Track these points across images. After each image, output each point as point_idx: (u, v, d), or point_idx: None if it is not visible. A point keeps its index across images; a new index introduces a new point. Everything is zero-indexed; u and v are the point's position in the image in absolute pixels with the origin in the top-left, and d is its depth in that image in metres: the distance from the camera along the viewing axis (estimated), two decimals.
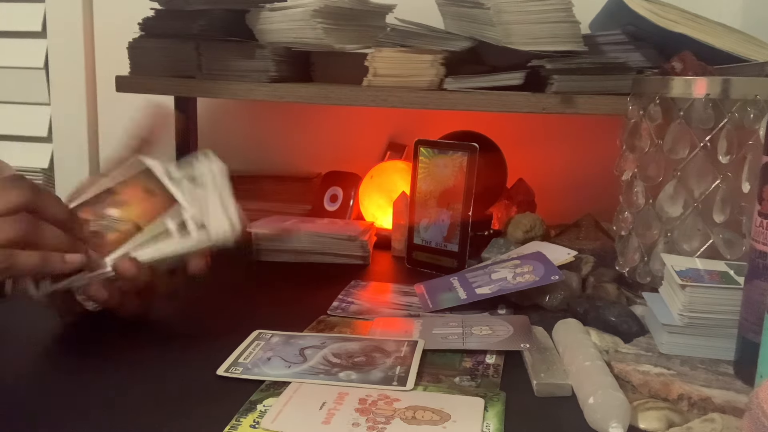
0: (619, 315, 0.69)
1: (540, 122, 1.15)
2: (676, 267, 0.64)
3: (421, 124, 1.18)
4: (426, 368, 0.60)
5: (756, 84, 0.70)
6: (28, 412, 0.51)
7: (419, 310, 0.76)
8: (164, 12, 1.03)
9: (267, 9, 0.97)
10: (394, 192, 1.01)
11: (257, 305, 0.77)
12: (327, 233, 0.95)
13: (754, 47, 0.87)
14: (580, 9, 0.87)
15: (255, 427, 0.49)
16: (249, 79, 1.00)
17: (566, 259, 0.82)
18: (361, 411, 0.51)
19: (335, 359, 0.60)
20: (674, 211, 0.74)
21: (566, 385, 0.56)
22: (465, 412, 0.51)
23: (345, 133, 1.25)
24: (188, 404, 0.53)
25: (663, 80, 0.74)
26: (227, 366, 0.58)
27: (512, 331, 0.66)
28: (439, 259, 0.92)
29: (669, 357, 0.61)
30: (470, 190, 0.89)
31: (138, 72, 1.06)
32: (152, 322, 0.69)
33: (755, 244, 0.56)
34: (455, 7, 0.93)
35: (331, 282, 0.84)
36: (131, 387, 0.55)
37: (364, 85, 0.95)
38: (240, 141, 1.30)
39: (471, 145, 0.90)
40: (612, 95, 0.87)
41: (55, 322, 0.68)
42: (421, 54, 0.93)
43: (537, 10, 0.86)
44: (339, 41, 0.96)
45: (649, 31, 0.88)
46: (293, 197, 1.18)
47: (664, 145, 0.74)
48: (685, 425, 0.50)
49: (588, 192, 1.09)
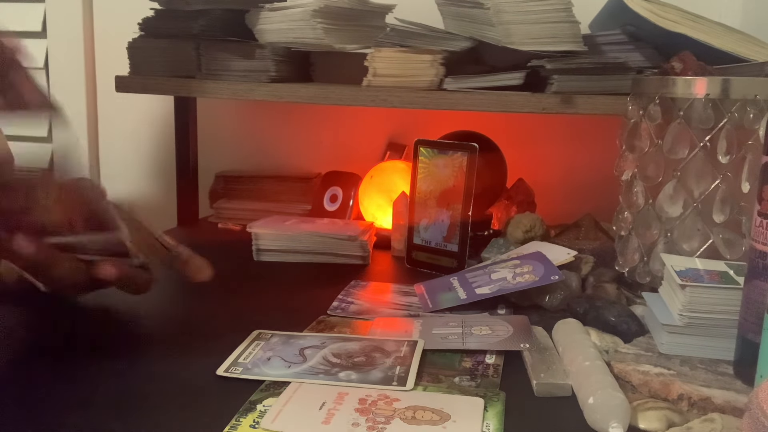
0: (619, 315, 0.69)
1: (540, 122, 1.15)
2: (676, 267, 0.64)
3: (420, 124, 1.18)
4: (426, 368, 0.60)
5: (756, 84, 0.70)
6: (26, 410, 0.51)
7: (419, 310, 0.76)
8: (164, 12, 1.03)
9: (267, 9, 0.97)
10: (394, 192, 1.01)
11: (257, 305, 0.77)
12: (327, 233, 0.95)
13: (754, 47, 0.87)
14: (580, 9, 0.87)
15: (255, 427, 0.49)
16: (249, 79, 1.00)
17: (566, 259, 0.82)
18: (360, 411, 0.51)
19: (335, 359, 0.60)
20: (674, 211, 0.74)
21: (566, 385, 0.56)
22: (465, 412, 0.51)
23: (345, 133, 1.26)
24: (188, 404, 0.53)
25: (663, 80, 0.74)
26: (227, 366, 0.58)
27: (512, 331, 0.66)
28: (439, 259, 0.92)
29: (669, 357, 0.61)
30: (470, 190, 0.89)
31: (138, 72, 1.06)
32: (152, 321, 0.69)
33: (755, 244, 0.56)
34: (455, 7, 0.93)
35: (331, 282, 0.84)
36: (131, 387, 0.55)
37: (364, 85, 0.95)
38: (240, 141, 1.30)
39: (471, 145, 0.90)
40: (612, 95, 0.87)
41: (54, 319, 0.68)
42: (420, 54, 0.93)
43: (537, 10, 0.86)
44: (339, 41, 0.96)
45: (649, 31, 0.88)
46: (293, 197, 1.19)
47: (664, 145, 0.74)
48: (685, 425, 0.50)
49: (588, 192, 1.09)
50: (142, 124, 1.33)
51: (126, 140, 1.34)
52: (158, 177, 1.32)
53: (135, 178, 1.34)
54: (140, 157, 1.34)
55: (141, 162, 1.34)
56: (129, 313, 0.72)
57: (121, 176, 1.34)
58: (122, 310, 0.73)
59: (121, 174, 1.34)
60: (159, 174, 1.33)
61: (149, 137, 1.33)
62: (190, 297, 0.80)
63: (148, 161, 1.34)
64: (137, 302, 0.74)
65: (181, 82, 1.02)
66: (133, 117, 1.32)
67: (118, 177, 1.34)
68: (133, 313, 0.72)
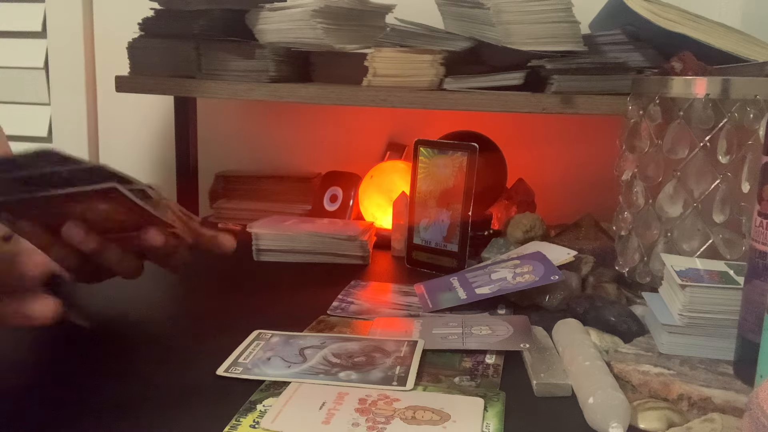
0: (619, 315, 0.69)
1: (540, 122, 1.15)
2: (676, 267, 0.64)
3: (421, 124, 1.18)
4: (426, 368, 0.60)
5: (756, 84, 0.70)
6: (27, 410, 0.51)
7: (419, 310, 0.76)
8: (164, 12, 1.03)
9: (267, 9, 0.97)
10: (394, 192, 1.01)
11: (257, 305, 0.77)
12: (327, 233, 0.95)
13: (754, 47, 0.87)
14: (580, 9, 0.87)
15: (255, 427, 0.49)
16: (249, 79, 1.00)
17: (566, 259, 0.82)
18: (360, 411, 0.51)
19: (335, 359, 0.60)
20: (674, 211, 0.74)
21: (566, 385, 0.56)
22: (465, 412, 0.51)
23: (345, 133, 1.26)
24: (188, 404, 0.53)
25: (663, 80, 0.74)
26: (227, 366, 0.58)
27: (512, 331, 0.66)
28: (439, 259, 0.92)
29: (669, 357, 0.61)
30: (470, 190, 0.89)
31: (138, 72, 1.06)
32: (152, 321, 0.69)
33: (755, 244, 0.56)
34: (455, 7, 0.93)
35: (331, 282, 0.84)
36: (131, 387, 0.55)
37: (364, 85, 0.95)
38: (240, 141, 1.30)
39: (471, 145, 0.90)
40: (612, 95, 0.87)
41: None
42: (420, 54, 0.93)
43: (537, 10, 0.86)
44: (339, 41, 0.96)
45: (649, 31, 0.88)
46: (293, 197, 1.19)
47: (664, 145, 0.74)
48: (685, 425, 0.50)
49: (588, 192, 1.09)
50: (142, 124, 1.33)
51: (126, 140, 1.34)
52: (158, 177, 1.32)
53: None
54: (140, 157, 1.34)
55: (141, 162, 1.34)
56: (129, 313, 0.72)
57: None
58: (122, 310, 0.73)
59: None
60: (159, 174, 1.33)
61: (149, 137, 1.33)
62: (190, 297, 0.80)
63: (148, 161, 1.34)
64: (137, 302, 0.74)
65: (181, 82, 1.02)
66: (133, 117, 1.32)
67: None
68: (134, 313, 0.72)
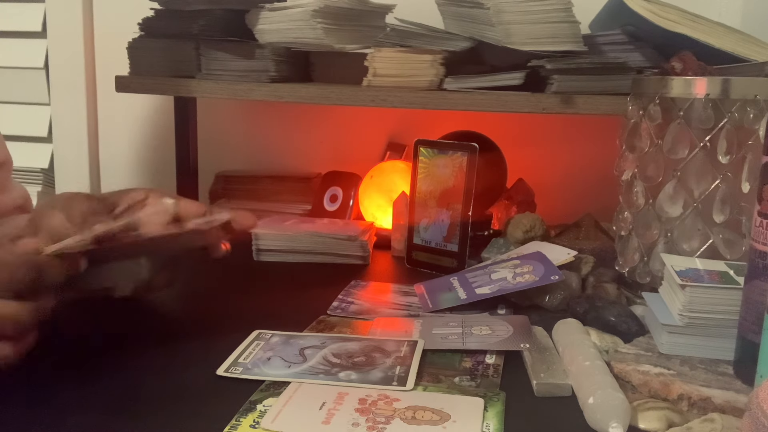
0: (619, 315, 0.69)
1: (540, 122, 1.15)
2: (676, 267, 0.64)
3: (420, 124, 1.18)
4: (426, 368, 0.60)
5: (756, 84, 0.70)
6: (27, 410, 0.51)
7: (419, 310, 0.76)
8: (164, 12, 1.03)
9: (267, 9, 0.97)
10: (394, 192, 1.01)
11: (257, 305, 0.77)
12: (327, 233, 0.95)
13: (754, 47, 0.87)
14: (580, 9, 0.87)
15: (255, 427, 0.49)
16: (249, 79, 1.00)
17: (566, 259, 0.82)
18: (360, 411, 0.51)
19: (335, 359, 0.60)
20: (674, 211, 0.74)
21: (566, 385, 0.56)
22: (465, 412, 0.51)
23: (345, 133, 1.25)
24: (188, 404, 0.53)
25: (663, 80, 0.74)
26: (227, 366, 0.58)
27: (512, 331, 0.66)
28: (439, 259, 0.92)
29: (669, 357, 0.61)
30: (470, 190, 0.89)
31: (138, 72, 1.06)
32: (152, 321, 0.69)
33: (755, 244, 0.56)
34: (455, 7, 0.93)
35: (331, 282, 0.84)
36: (131, 386, 0.55)
37: (363, 85, 0.95)
38: (240, 141, 1.30)
39: (471, 145, 0.90)
40: (612, 95, 0.87)
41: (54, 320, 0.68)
42: (420, 54, 0.93)
43: (537, 10, 0.86)
44: (339, 41, 0.96)
45: (649, 31, 0.88)
46: (293, 197, 1.18)
47: (664, 145, 0.74)
48: (685, 425, 0.50)
49: (588, 192, 1.09)
50: (142, 124, 1.33)
51: (126, 140, 1.33)
52: (158, 177, 1.32)
53: (135, 178, 1.34)
54: (140, 157, 1.34)
55: (141, 162, 1.34)
56: (129, 313, 0.72)
57: (121, 176, 1.34)
58: (122, 310, 0.73)
59: (121, 174, 1.34)
60: (159, 174, 1.32)
61: (149, 137, 1.33)
62: (190, 297, 0.80)
63: (148, 161, 1.34)
64: (137, 302, 0.74)
65: (181, 82, 1.02)
66: (133, 117, 1.32)
67: (118, 177, 1.34)
68: (134, 313, 0.72)
